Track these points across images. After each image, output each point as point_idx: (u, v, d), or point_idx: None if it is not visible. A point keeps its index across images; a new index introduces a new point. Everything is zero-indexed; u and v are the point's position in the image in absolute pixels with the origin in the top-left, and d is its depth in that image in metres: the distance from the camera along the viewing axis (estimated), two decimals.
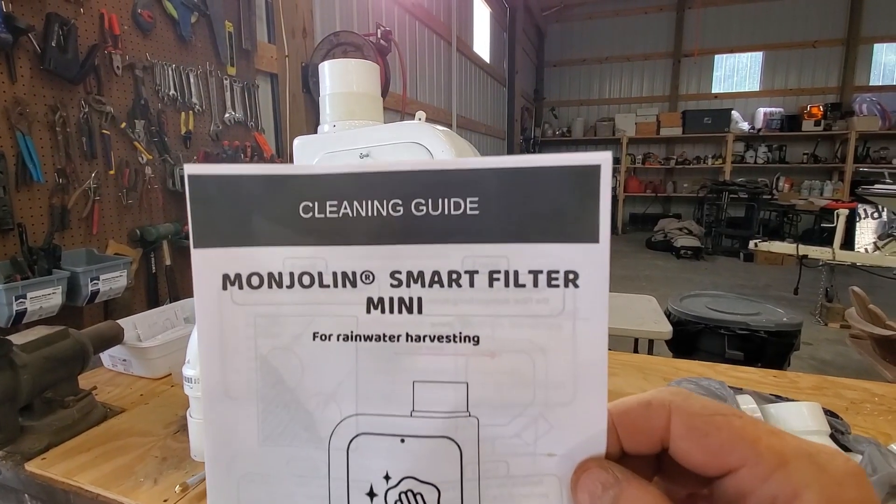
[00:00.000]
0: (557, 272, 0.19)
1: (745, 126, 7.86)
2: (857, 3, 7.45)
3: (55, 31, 1.32)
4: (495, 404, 0.20)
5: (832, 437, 0.66)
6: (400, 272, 0.19)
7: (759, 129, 7.76)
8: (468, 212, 0.19)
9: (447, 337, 0.20)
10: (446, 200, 0.19)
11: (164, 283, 1.69)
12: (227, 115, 1.97)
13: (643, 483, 0.18)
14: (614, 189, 8.48)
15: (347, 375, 0.20)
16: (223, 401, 0.20)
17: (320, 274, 0.20)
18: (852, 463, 0.16)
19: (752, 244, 4.07)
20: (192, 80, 1.80)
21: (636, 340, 2.16)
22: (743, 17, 8.03)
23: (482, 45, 6.29)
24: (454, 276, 0.19)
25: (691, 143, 8.46)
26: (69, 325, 1.02)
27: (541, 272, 0.19)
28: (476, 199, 0.19)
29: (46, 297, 1.19)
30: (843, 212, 3.88)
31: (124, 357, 1.13)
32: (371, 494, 0.20)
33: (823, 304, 3.95)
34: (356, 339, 0.20)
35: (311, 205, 0.19)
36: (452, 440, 0.20)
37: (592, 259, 0.19)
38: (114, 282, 1.36)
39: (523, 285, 0.19)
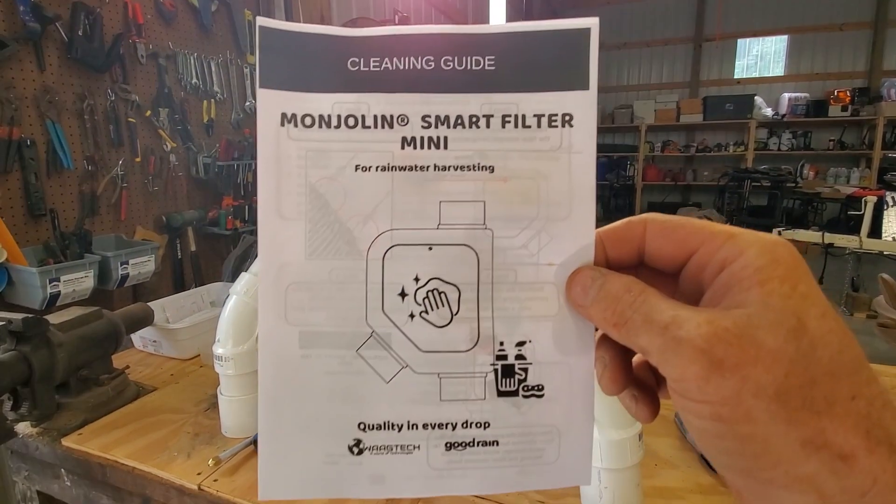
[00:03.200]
0: (556, 115, 0.23)
1: (768, 112, 7.65)
2: None
3: (81, 20, 1.34)
4: (507, 218, 0.24)
5: None
6: (429, 116, 0.23)
7: (784, 115, 7.55)
8: (486, 67, 0.23)
9: (468, 167, 0.23)
10: (469, 58, 0.23)
11: (189, 269, 1.72)
12: (247, 103, 1.99)
13: (623, 274, 0.22)
14: (633, 178, 8.35)
15: (384, 199, 0.23)
16: (276, 220, 0.23)
17: (363, 116, 0.23)
18: (783, 238, 0.20)
19: (775, 232, 3.97)
20: (213, 69, 1.82)
21: None
22: (767, 0, 7.79)
23: None
24: (474, 118, 0.23)
25: (712, 130, 8.26)
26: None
27: (543, 115, 0.23)
28: (493, 56, 0.23)
29: (79, 281, 1.22)
30: (871, 199, 3.76)
31: (154, 338, 1.16)
32: (402, 294, 0.24)
33: (849, 294, 3.85)
34: (392, 170, 0.23)
35: (357, 60, 0.23)
36: (471, 248, 0.24)
37: (584, 104, 0.23)
38: (142, 266, 1.39)
39: (529, 126, 0.23)
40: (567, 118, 0.23)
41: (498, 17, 6.18)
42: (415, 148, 0.23)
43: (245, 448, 0.77)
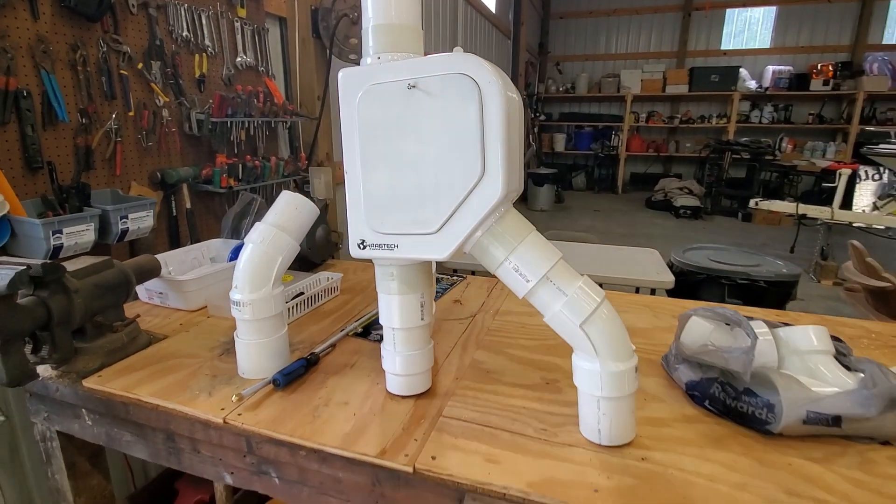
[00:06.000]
0: None
1: (752, 84, 7.72)
2: None
3: None
4: None
5: (836, 357, 0.73)
6: None
7: (767, 88, 7.63)
8: None
9: None
10: None
11: (185, 226, 1.73)
12: (238, 59, 1.95)
13: None
14: (617, 148, 8.39)
15: None
16: None
17: None
18: None
19: (752, 203, 4.10)
20: (204, 22, 1.77)
21: (637, 290, 2.24)
22: None
23: None
24: None
25: (696, 101, 8.32)
26: None
27: None
28: None
29: (80, 234, 1.23)
30: (846, 172, 3.89)
31: (161, 290, 1.18)
32: None
33: (818, 262, 4.03)
34: None
35: None
36: None
37: None
38: (141, 221, 1.40)
39: None
40: None
41: None
42: None
43: (265, 387, 0.82)
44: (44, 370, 0.90)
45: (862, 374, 0.66)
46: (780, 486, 0.58)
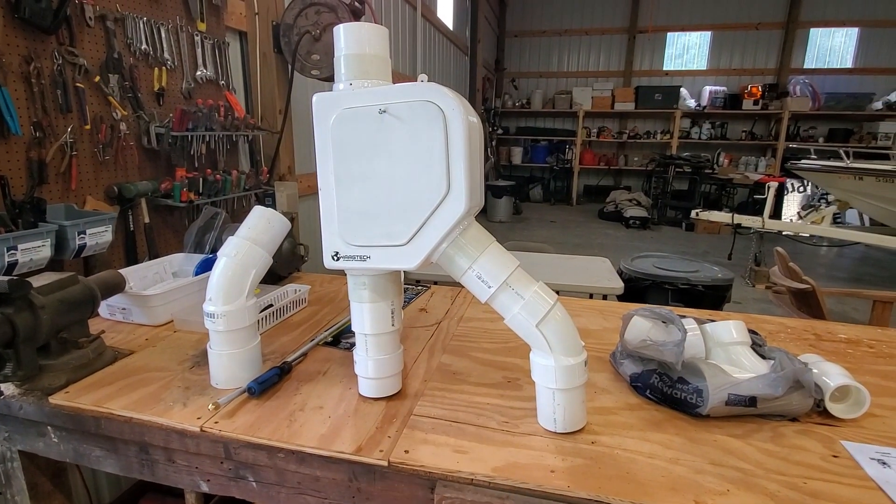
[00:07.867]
0: None
1: (692, 103, 8.27)
2: None
3: None
4: None
5: (752, 347, 0.84)
6: None
7: (705, 107, 8.20)
8: None
9: None
10: None
11: (142, 241, 1.70)
12: (198, 72, 1.95)
13: None
14: (571, 161, 8.74)
15: None
16: None
17: None
18: None
19: (693, 213, 4.39)
20: (163, 35, 1.76)
21: (591, 296, 2.37)
22: None
23: (446, 11, 6.23)
24: None
25: (643, 118, 8.81)
26: None
27: None
28: None
29: (36, 250, 1.21)
30: (773, 185, 4.24)
31: (124, 306, 1.17)
32: None
33: (752, 268, 4.36)
34: None
35: None
36: None
37: None
38: (100, 237, 1.38)
39: None
40: None
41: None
42: None
43: (240, 395, 0.85)
44: (6, 388, 0.89)
45: (773, 361, 0.77)
46: (706, 459, 0.67)
